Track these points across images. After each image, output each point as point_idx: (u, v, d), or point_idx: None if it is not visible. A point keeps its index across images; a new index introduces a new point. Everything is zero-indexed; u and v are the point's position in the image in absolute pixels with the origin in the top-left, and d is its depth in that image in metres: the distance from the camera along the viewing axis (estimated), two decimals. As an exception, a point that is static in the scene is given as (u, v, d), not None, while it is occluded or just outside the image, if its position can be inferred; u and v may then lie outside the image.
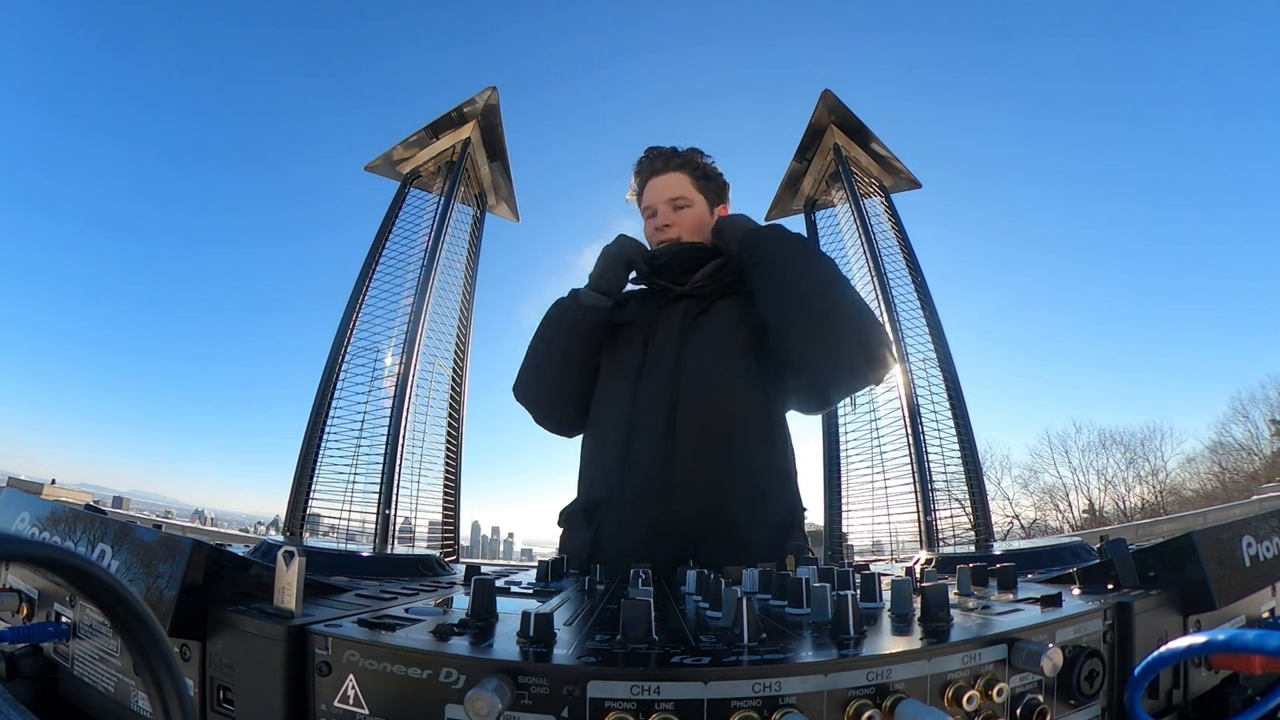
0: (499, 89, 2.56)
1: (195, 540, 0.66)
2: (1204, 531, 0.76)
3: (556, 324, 1.45)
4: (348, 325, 2.35)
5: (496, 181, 2.77)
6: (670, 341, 1.33)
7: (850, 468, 2.45)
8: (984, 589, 0.83)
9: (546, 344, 1.47)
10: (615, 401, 1.36)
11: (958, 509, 2.22)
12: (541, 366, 1.46)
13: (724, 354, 1.30)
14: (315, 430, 2.25)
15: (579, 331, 1.41)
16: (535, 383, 1.48)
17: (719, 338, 1.32)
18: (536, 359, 1.48)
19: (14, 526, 0.81)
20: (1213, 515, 10.38)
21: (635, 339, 1.39)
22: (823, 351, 1.20)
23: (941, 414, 2.29)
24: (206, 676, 0.62)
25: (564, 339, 1.43)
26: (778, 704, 0.48)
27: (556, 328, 1.45)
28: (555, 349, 1.44)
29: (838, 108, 2.58)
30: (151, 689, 0.33)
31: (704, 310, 1.36)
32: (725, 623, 0.62)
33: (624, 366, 1.38)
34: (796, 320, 1.21)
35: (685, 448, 1.25)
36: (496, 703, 0.45)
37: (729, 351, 1.31)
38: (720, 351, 1.30)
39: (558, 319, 1.46)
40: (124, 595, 0.32)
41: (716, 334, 1.33)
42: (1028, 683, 0.57)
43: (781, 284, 1.23)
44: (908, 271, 2.47)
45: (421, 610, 0.68)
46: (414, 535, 2.36)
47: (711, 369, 1.29)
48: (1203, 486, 20.63)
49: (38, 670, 0.75)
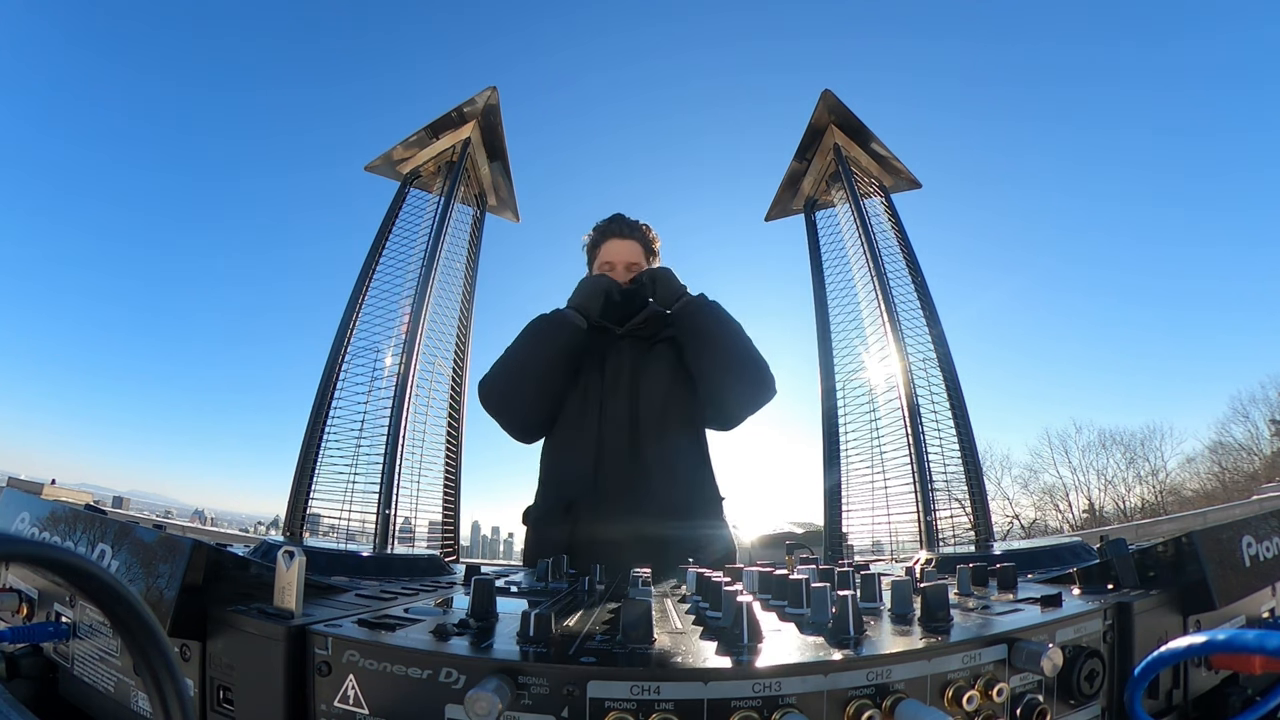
0: (499, 89, 2.56)
1: (195, 540, 0.66)
2: (1204, 531, 0.76)
3: (544, 334, 1.65)
4: (348, 325, 2.35)
5: (496, 181, 2.77)
6: (624, 371, 1.66)
7: (850, 468, 2.44)
8: (984, 589, 0.83)
9: (531, 350, 1.64)
10: (584, 416, 1.63)
11: (958, 509, 2.21)
12: (524, 371, 1.63)
13: (670, 388, 1.66)
14: (315, 430, 2.24)
15: (563, 340, 1.62)
16: (515, 386, 1.64)
17: (665, 374, 1.67)
18: (518, 364, 1.64)
19: (14, 526, 0.81)
20: (1213, 515, 10.37)
21: (592, 365, 1.68)
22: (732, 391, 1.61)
23: (941, 414, 2.29)
24: (206, 676, 0.62)
25: (551, 347, 1.63)
26: (778, 704, 0.48)
27: (544, 337, 1.65)
28: (541, 355, 1.63)
29: (838, 108, 2.58)
30: (151, 689, 0.33)
31: (649, 350, 1.72)
32: (725, 623, 0.62)
33: (588, 388, 1.65)
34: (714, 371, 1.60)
35: (646, 456, 1.57)
36: (496, 703, 0.45)
37: (674, 386, 1.67)
38: (668, 386, 1.66)
39: (546, 329, 1.65)
40: (124, 595, 0.32)
41: (662, 370, 1.67)
42: (1028, 683, 0.57)
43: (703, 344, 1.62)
44: (908, 271, 2.47)
45: (421, 610, 0.68)
46: (414, 535, 2.35)
47: (662, 398, 1.64)
48: (1203, 486, 20.61)
49: (38, 670, 0.75)
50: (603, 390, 1.64)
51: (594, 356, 1.69)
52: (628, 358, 1.68)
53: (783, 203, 2.84)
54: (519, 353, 1.65)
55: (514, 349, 1.66)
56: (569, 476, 1.61)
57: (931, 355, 2.33)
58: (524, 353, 1.65)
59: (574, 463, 1.61)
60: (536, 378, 1.62)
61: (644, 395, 1.63)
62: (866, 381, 2.46)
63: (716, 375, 1.60)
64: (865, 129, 2.57)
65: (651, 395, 1.63)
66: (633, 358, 1.69)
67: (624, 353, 1.69)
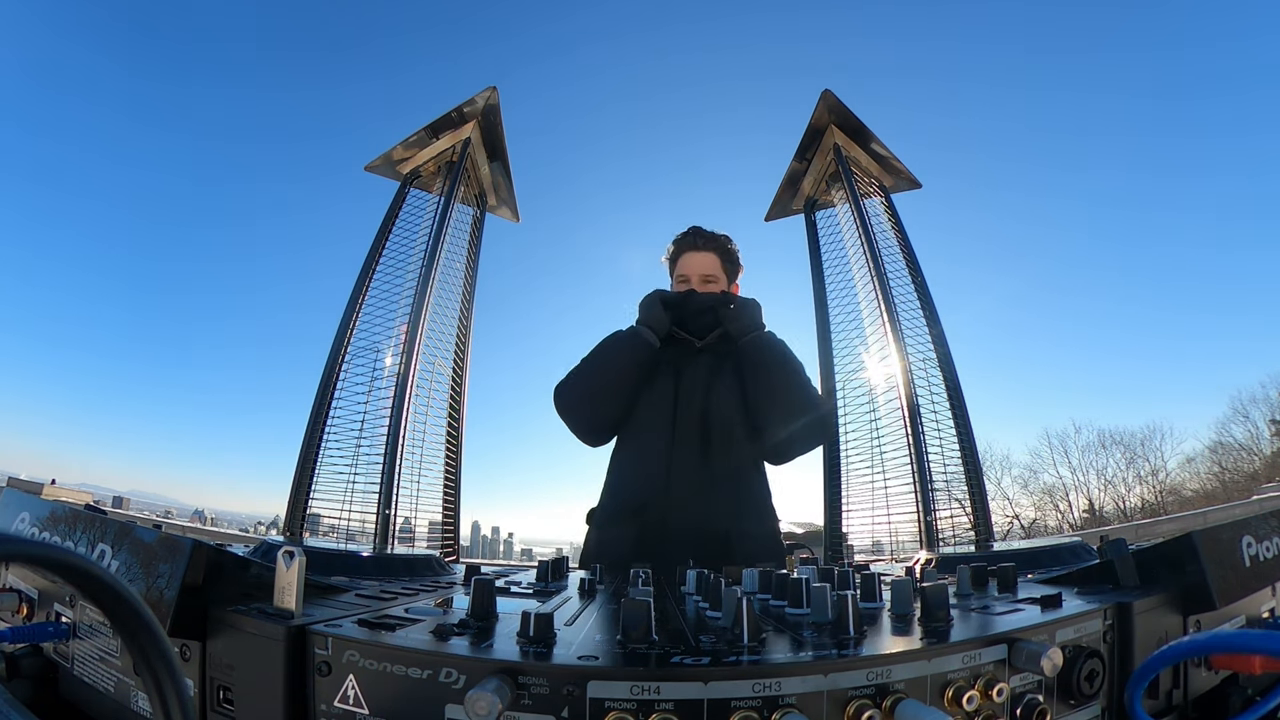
0: (499, 89, 2.57)
1: (195, 540, 0.66)
2: (1204, 531, 0.76)
3: (620, 349, 1.75)
4: (348, 325, 2.35)
5: (496, 181, 2.77)
6: (698, 384, 1.72)
7: (850, 468, 2.45)
8: (984, 589, 0.83)
9: (607, 364, 1.74)
10: (657, 422, 1.70)
11: (958, 509, 2.22)
12: (602, 381, 1.73)
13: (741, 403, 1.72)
14: (315, 430, 2.24)
15: (639, 357, 1.72)
16: (591, 394, 1.74)
17: (737, 390, 1.72)
18: (594, 374, 1.74)
19: (14, 526, 0.81)
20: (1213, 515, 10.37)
21: (667, 375, 1.75)
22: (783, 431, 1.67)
23: (941, 414, 2.29)
24: (206, 676, 0.62)
25: (626, 361, 1.72)
26: (778, 704, 0.48)
27: (620, 351, 1.74)
28: (616, 367, 1.73)
29: (837, 108, 2.58)
30: (151, 689, 0.33)
31: (723, 365, 1.76)
32: (725, 623, 0.62)
33: (661, 396, 1.72)
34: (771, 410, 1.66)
35: (715, 466, 1.64)
36: (496, 703, 0.45)
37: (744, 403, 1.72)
38: (739, 401, 1.71)
39: (622, 345, 1.75)
40: (124, 595, 0.32)
41: (735, 386, 1.73)
42: (1028, 683, 0.57)
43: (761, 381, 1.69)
44: (908, 271, 2.47)
45: (421, 610, 0.68)
46: (414, 535, 2.36)
47: (733, 413, 1.69)
48: (1203, 486, 20.59)
49: (38, 670, 0.75)
50: (676, 399, 1.72)
51: (670, 366, 1.76)
52: (704, 371, 1.75)
53: (783, 203, 2.84)
54: (596, 363, 1.76)
55: (591, 360, 1.77)
56: (637, 481, 1.69)
57: (931, 355, 2.33)
58: (600, 365, 1.75)
59: (646, 467, 1.68)
60: (610, 389, 1.73)
61: (715, 408, 1.70)
62: (866, 381, 2.47)
63: (773, 414, 1.67)
64: (865, 129, 2.58)
65: (723, 409, 1.70)
66: (708, 371, 1.75)
67: (700, 366, 1.76)
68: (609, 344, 1.78)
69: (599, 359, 1.77)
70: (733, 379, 1.75)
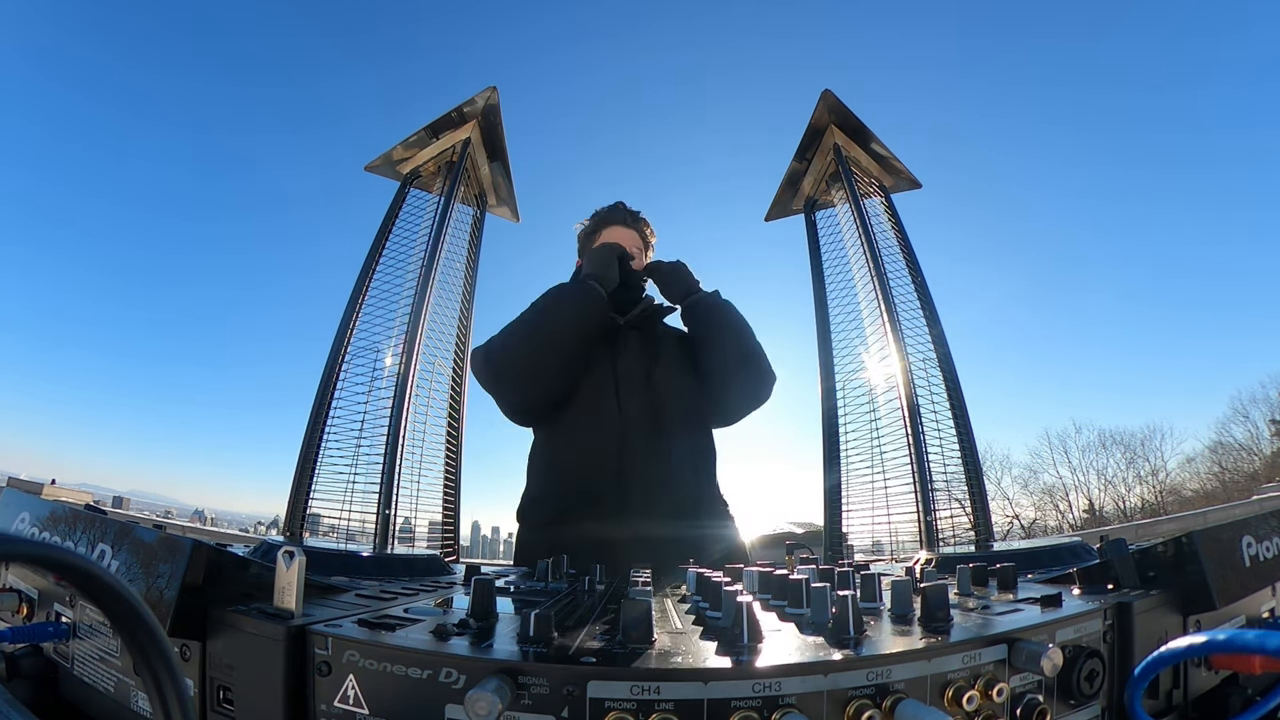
0: (499, 89, 2.56)
1: (195, 540, 0.66)
2: (1204, 531, 0.76)
3: (570, 301, 1.52)
4: (348, 325, 2.35)
5: (496, 181, 2.77)
6: (638, 364, 1.60)
7: (850, 468, 2.44)
8: (984, 589, 0.83)
9: (558, 318, 1.49)
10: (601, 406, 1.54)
11: (958, 509, 2.21)
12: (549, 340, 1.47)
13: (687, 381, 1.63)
14: (315, 430, 2.24)
15: (592, 314, 1.51)
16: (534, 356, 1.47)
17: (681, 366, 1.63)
18: (539, 331, 1.48)
19: (14, 526, 0.81)
20: (1213, 515, 10.37)
21: (601, 354, 1.60)
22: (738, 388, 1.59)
23: (941, 414, 2.29)
24: (206, 676, 0.62)
25: (579, 315, 1.49)
26: (778, 704, 0.48)
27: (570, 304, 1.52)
28: (569, 324, 1.49)
29: (837, 108, 2.57)
30: (151, 689, 0.33)
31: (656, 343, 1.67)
32: (725, 623, 0.62)
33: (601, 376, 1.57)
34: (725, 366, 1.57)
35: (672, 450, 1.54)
36: (496, 703, 0.45)
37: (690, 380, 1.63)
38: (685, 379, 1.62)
39: (572, 297, 1.53)
40: (124, 595, 0.32)
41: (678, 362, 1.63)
42: (1028, 683, 0.57)
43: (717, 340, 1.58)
44: (908, 271, 2.46)
45: (421, 610, 0.68)
46: (414, 535, 2.35)
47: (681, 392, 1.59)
48: (1203, 486, 20.60)
49: (38, 670, 0.75)
50: (617, 380, 1.57)
51: (602, 344, 1.62)
52: (638, 349, 1.63)
53: (783, 203, 2.84)
54: (543, 320, 1.50)
55: (534, 317, 1.51)
56: (591, 470, 1.52)
57: (931, 355, 2.33)
58: (550, 320, 1.49)
59: (596, 456, 1.52)
60: (557, 348, 1.48)
61: (662, 388, 1.58)
62: (866, 381, 2.46)
63: (728, 371, 1.58)
64: (865, 129, 2.57)
65: (670, 388, 1.59)
66: (643, 349, 1.64)
67: (633, 344, 1.64)
68: (553, 297, 1.55)
69: (543, 314, 1.52)
70: (671, 356, 1.63)
